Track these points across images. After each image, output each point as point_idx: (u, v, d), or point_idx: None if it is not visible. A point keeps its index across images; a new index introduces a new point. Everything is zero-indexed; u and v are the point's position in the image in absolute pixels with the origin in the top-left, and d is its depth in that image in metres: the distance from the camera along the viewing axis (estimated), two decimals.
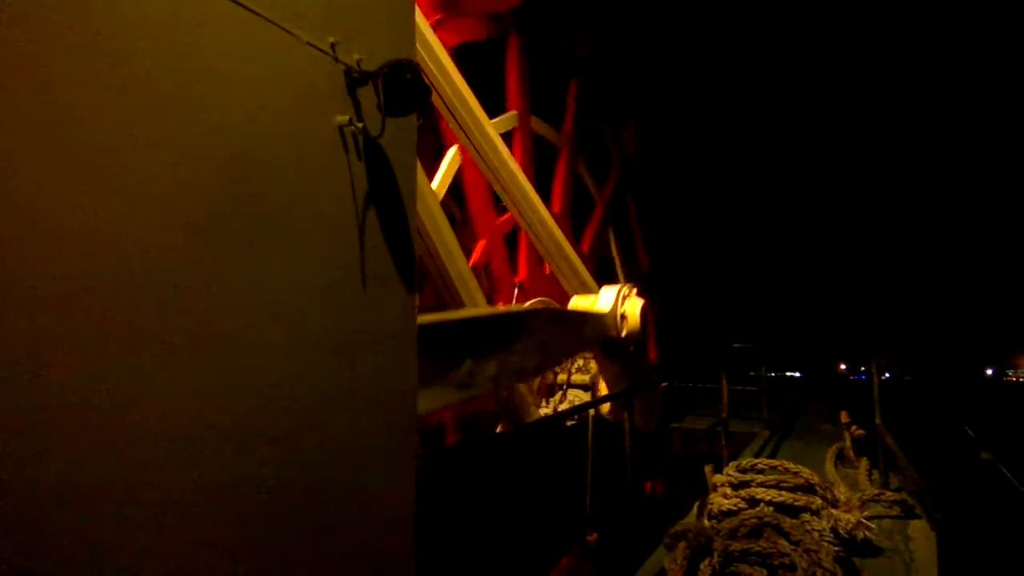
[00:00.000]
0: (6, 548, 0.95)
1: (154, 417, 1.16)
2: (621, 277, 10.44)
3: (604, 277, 8.36)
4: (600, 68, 9.64)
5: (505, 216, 7.07)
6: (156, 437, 1.17)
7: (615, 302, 5.96)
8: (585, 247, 8.68)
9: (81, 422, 1.05)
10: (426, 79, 2.12)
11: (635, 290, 6.09)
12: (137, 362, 1.14)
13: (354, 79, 1.68)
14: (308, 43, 1.56)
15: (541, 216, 6.91)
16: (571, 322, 5.33)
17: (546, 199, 7.52)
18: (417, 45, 4.04)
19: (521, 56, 7.86)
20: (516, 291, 6.80)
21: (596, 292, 7.79)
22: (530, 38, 7.99)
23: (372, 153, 1.73)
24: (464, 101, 5.86)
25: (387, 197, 1.79)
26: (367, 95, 1.71)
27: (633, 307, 5.89)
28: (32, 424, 1.00)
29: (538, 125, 8.26)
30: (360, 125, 1.67)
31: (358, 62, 1.69)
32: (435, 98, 5.51)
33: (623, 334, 5.83)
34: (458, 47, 6.89)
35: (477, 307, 5.61)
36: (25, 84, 1.02)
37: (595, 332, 5.65)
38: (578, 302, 6.16)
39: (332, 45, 1.62)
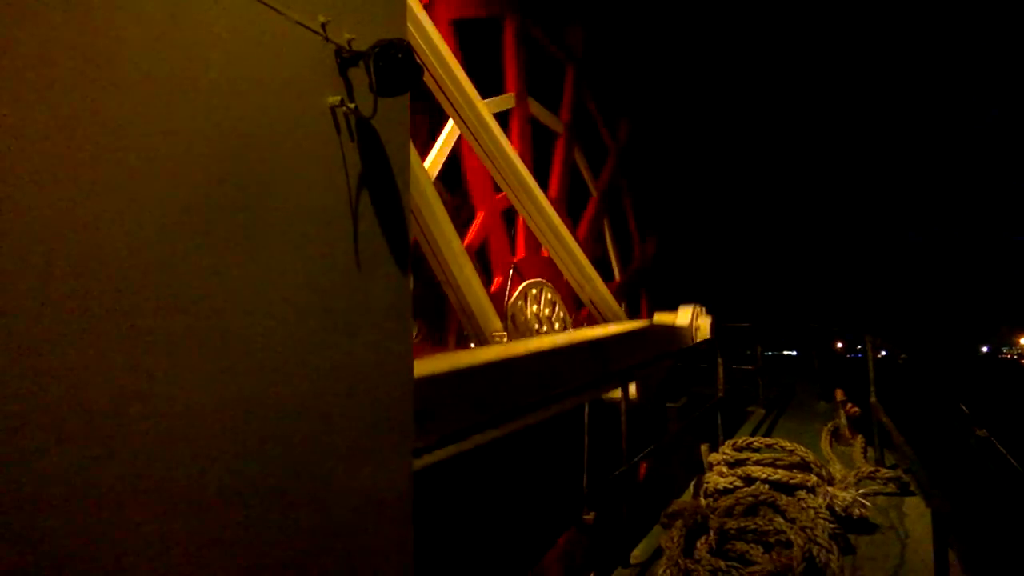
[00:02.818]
0: (6, 548, 0.94)
1: (156, 414, 1.15)
2: (615, 267, 10.45)
3: (599, 267, 8.35)
4: (596, 55, 9.55)
5: (503, 192, 7.02)
6: (156, 434, 1.16)
7: (691, 319, 8.54)
8: (580, 235, 8.64)
9: (81, 421, 1.04)
10: (418, 59, 2.10)
11: (704, 308, 8.73)
12: (138, 360, 1.13)
13: (345, 59, 1.66)
14: (298, 22, 1.53)
15: (536, 199, 6.87)
16: (665, 333, 8.12)
17: (543, 184, 7.48)
18: (408, 24, 4.00)
19: (518, 37, 7.76)
20: (511, 272, 6.77)
21: (593, 276, 7.81)
22: (526, 20, 7.89)
23: (364, 134, 1.71)
24: (456, 81, 5.81)
25: (380, 178, 1.77)
26: (359, 75, 1.68)
27: (705, 322, 8.57)
28: (32, 422, 0.99)
29: (536, 109, 8.18)
30: (352, 106, 1.65)
31: (349, 42, 1.66)
32: (427, 78, 5.46)
33: (697, 340, 8.38)
34: (455, 22, 6.79)
35: (474, 290, 5.60)
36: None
37: (678, 339, 8.23)
38: (661, 317, 8.75)
39: (323, 25, 1.60)
